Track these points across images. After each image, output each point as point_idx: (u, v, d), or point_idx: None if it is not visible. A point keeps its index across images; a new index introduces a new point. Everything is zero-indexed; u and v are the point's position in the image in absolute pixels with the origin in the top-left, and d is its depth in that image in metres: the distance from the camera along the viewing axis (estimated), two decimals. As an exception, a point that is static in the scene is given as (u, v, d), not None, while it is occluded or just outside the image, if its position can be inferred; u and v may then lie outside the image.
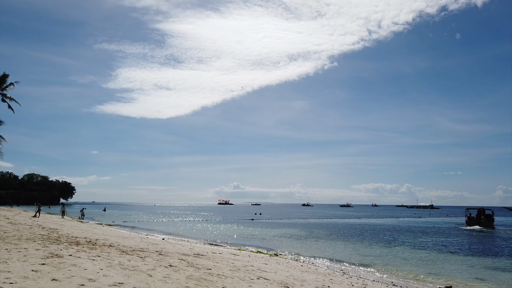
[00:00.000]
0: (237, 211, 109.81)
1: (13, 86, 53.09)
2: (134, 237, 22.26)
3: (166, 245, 16.97)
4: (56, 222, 30.48)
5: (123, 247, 12.82)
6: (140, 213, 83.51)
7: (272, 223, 52.65)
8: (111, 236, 19.76)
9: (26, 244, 10.07)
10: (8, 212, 38.61)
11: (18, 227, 17.89)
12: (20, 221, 24.79)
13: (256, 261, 14.43)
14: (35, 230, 16.70)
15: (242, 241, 27.17)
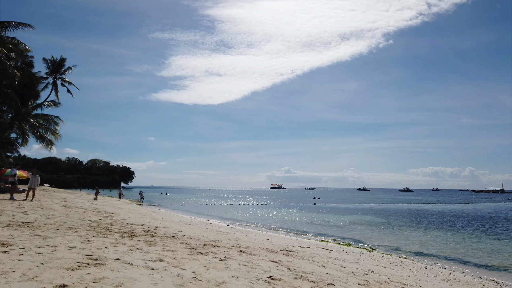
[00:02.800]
0: (293, 196, 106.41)
1: (71, 71, 53.19)
2: (196, 223, 19.45)
3: (238, 236, 13.72)
4: (115, 205, 28.82)
5: (190, 240, 9.62)
6: (197, 197, 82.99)
7: (336, 208, 48.45)
8: (171, 222, 16.98)
9: (62, 237, 7.11)
10: (70, 195, 38.19)
11: (70, 211, 15.58)
12: (77, 204, 22.99)
13: (364, 261, 10.67)
14: (87, 215, 14.21)
15: (317, 229, 23.52)
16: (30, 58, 42.19)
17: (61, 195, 35.60)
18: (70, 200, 26.78)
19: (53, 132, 37.51)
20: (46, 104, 37.04)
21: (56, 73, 51.89)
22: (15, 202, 16.70)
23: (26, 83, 33.15)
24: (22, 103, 33.28)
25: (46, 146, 37.78)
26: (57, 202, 21.94)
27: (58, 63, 52.28)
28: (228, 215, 33.07)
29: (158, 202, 50.76)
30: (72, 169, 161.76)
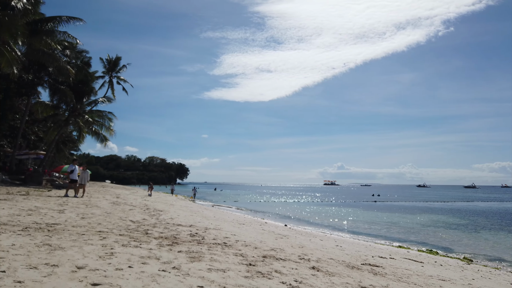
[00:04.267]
0: (349, 193, 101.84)
1: (125, 69, 54.24)
2: (251, 223, 17.54)
3: (301, 240, 11.51)
4: (167, 201, 27.88)
5: (245, 248, 7.59)
6: (249, 193, 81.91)
7: (400, 206, 44.42)
8: (224, 222, 15.18)
9: (79, 247, 5.36)
10: (125, 191, 38.33)
11: (116, 209, 14.34)
12: (128, 200, 22.08)
13: (476, 280, 7.99)
14: (131, 214, 12.79)
15: (387, 231, 20.64)
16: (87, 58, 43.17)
17: (117, 191, 35.65)
18: (123, 196, 26.16)
19: (107, 128, 37.75)
20: (100, 100, 37.28)
21: (112, 71, 52.97)
22: (62, 199, 15.84)
23: (81, 80, 33.35)
24: (77, 100, 33.57)
25: (101, 142, 38.18)
26: (108, 198, 21.15)
27: (114, 61, 53.35)
28: (283, 213, 30.97)
29: (211, 199, 50.02)
30: (132, 166, 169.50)
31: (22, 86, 29.50)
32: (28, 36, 24.44)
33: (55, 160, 61.51)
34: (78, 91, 33.20)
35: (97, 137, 38.85)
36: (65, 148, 59.98)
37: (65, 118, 35.08)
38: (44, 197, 16.22)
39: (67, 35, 26.79)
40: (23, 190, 20.70)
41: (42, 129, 41.24)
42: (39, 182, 29.58)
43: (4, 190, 18.73)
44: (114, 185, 59.18)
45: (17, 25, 20.25)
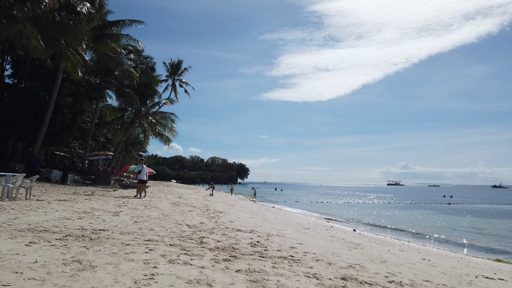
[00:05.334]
0: (416, 194, 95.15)
1: (187, 71, 55.63)
2: (316, 226, 16.03)
3: (381, 253, 9.82)
4: (228, 201, 27.31)
5: (317, 265, 6.22)
6: (309, 193, 79.82)
7: (479, 209, 39.81)
8: (287, 226, 13.89)
9: (116, 265, 4.38)
10: (188, 190, 38.73)
11: (174, 210, 13.72)
12: (189, 200, 21.71)
13: None
14: (189, 217, 12.01)
15: (478, 242, 17.92)
16: (152, 63, 44.55)
17: (180, 190, 36.03)
18: (184, 196, 26.03)
19: (170, 129, 38.35)
20: (163, 102, 37.99)
21: (174, 74, 54.43)
22: (122, 200, 15.63)
23: (145, 83, 34.11)
24: (141, 102, 34.38)
25: (165, 143, 38.93)
26: (169, 198, 20.92)
27: (176, 65, 54.85)
28: (349, 216, 28.90)
29: (271, 199, 49.03)
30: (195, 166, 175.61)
31: (91, 90, 30.76)
32: (93, 40, 25.23)
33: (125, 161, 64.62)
34: (142, 93, 34.01)
35: (160, 138, 39.72)
36: (133, 149, 62.83)
37: (130, 120, 36.21)
38: (107, 197, 16.18)
39: (129, 37, 27.32)
40: (90, 190, 21.18)
41: (111, 131, 43.21)
42: (108, 182, 30.62)
43: (72, 190, 19.21)
44: (178, 185, 60.75)
45: (82, 29, 20.75)
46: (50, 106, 24.07)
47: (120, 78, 32.14)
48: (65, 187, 21.16)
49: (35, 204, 10.28)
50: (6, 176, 10.80)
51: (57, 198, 13.27)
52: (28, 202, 10.66)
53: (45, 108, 24.15)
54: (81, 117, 29.47)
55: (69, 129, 27.06)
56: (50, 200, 11.94)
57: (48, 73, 26.24)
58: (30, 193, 11.75)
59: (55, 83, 24.21)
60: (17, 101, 24.11)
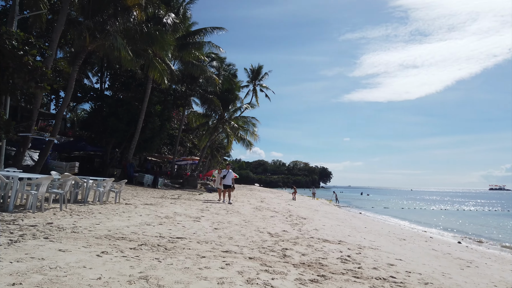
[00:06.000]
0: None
1: (267, 76, 56.03)
2: (413, 237, 14.21)
3: (504, 274, 8.04)
4: (311, 206, 26.30)
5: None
6: (399, 199, 74.43)
7: None
8: (379, 236, 12.46)
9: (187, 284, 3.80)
10: (270, 194, 38.54)
11: (256, 216, 13.22)
12: (271, 205, 21.25)
13: None
14: (271, 223, 11.36)
15: None
16: (234, 70, 45.58)
17: (263, 194, 35.97)
18: (267, 200, 25.68)
19: (252, 133, 38.59)
20: (245, 107, 38.41)
21: (255, 80, 55.12)
22: (205, 205, 15.64)
23: (227, 89, 34.79)
24: (224, 107, 35.10)
25: (246, 147, 39.31)
26: (252, 203, 20.66)
27: (256, 70, 55.53)
28: (448, 224, 25.75)
29: (357, 204, 46.52)
30: (277, 170, 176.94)
31: (177, 98, 32.26)
32: (178, 49, 26.31)
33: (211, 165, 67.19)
34: (225, 99, 34.75)
35: (243, 143, 40.24)
36: (218, 154, 65.03)
37: (214, 126, 37.25)
38: (191, 201, 16.37)
39: (211, 44, 28.01)
40: (177, 193, 21.90)
41: (197, 137, 45.06)
42: (195, 185, 31.71)
43: (160, 193, 19.98)
44: (261, 188, 61.22)
45: (167, 39, 21.64)
46: (142, 114, 25.61)
47: (204, 85, 33.22)
48: (155, 191, 22.18)
49: (122, 208, 10.54)
50: (97, 181, 11.31)
51: (145, 201, 13.67)
52: (116, 206, 10.99)
53: (137, 116, 25.78)
54: (169, 124, 31.00)
55: (158, 135, 28.58)
56: (137, 204, 12.27)
57: (139, 83, 28.07)
58: (120, 197, 12.21)
59: (146, 93, 25.72)
60: (113, 111, 26.14)
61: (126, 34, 19.72)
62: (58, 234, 5.50)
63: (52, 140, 19.21)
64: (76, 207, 9.50)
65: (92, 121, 28.11)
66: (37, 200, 8.11)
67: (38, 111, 27.15)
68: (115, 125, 25.64)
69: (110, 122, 25.68)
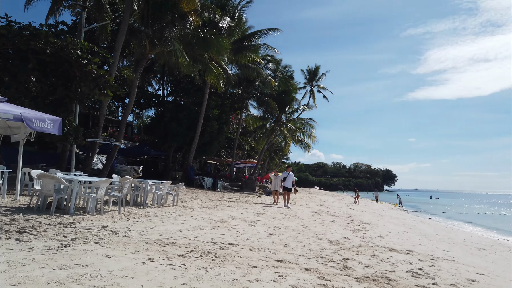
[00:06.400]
0: None
1: (324, 76, 54.96)
2: (493, 247, 12.60)
3: None
4: (374, 210, 24.88)
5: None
6: (473, 203, 68.44)
7: None
8: (454, 245, 11.16)
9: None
10: (330, 197, 37.37)
11: (315, 220, 12.60)
12: (332, 209, 20.39)
13: None
14: (331, 229, 10.68)
15: None
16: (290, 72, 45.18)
17: (323, 197, 34.96)
18: (327, 204, 24.80)
19: (309, 135, 37.76)
20: (302, 108, 37.71)
21: (312, 80, 54.20)
22: (262, 208, 15.31)
23: (283, 91, 34.41)
24: (280, 109, 34.73)
25: (304, 149, 38.54)
26: (311, 206, 19.99)
27: (313, 71, 54.59)
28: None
29: (425, 208, 43.43)
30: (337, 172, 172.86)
31: (234, 101, 32.53)
32: (234, 53, 26.46)
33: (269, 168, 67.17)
34: (281, 101, 34.38)
35: (300, 145, 39.53)
36: (276, 156, 64.80)
37: (271, 128, 37.03)
38: (248, 205, 16.15)
39: (266, 46, 27.83)
40: (235, 196, 21.88)
41: (255, 140, 45.19)
42: (253, 188, 31.67)
43: (219, 196, 20.07)
44: (321, 191, 59.83)
45: (223, 43, 21.79)
46: (201, 118, 26.11)
47: (260, 88, 33.15)
48: (214, 193, 22.39)
49: (179, 211, 10.54)
50: (156, 184, 11.48)
51: (202, 204, 13.68)
52: (173, 208, 11.04)
53: (196, 120, 26.34)
54: (227, 127, 31.33)
55: (217, 139, 28.97)
56: (194, 207, 12.27)
57: (198, 88, 28.71)
58: (177, 200, 12.30)
59: (204, 97, 26.18)
60: (174, 116, 26.98)
61: (183, 40, 20.16)
62: (110, 238, 5.43)
63: (117, 145, 20.17)
64: (134, 209, 9.64)
65: (154, 127, 29.28)
66: (97, 203, 8.31)
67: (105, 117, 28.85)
68: (175, 130, 26.42)
69: (171, 127, 26.52)
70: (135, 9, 20.46)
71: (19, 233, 5.06)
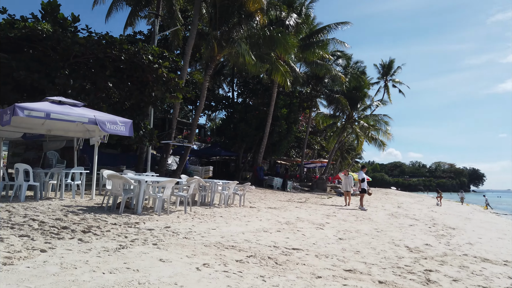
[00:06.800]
0: None
1: (400, 70, 52.06)
2: None
3: None
4: (460, 213, 22.49)
5: None
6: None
7: None
8: None
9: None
10: (409, 199, 34.84)
11: (392, 224, 11.57)
12: (411, 211, 18.85)
13: None
14: (410, 234, 9.65)
15: None
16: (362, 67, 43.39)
17: (400, 198, 32.73)
18: (405, 206, 23.07)
19: (384, 132, 35.66)
20: (375, 104, 35.77)
21: (386, 75, 51.44)
22: (331, 209, 14.56)
23: (354, 87, 32.98)
24: (351, 106, 33.29)
25: (379, 148, 36.47)
26: (387, 208, 18.67)
27: (388, 65, 51.79)
28: None
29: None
30: (416, 172, 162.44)
31: (303, 100, 31.89)
32: (301, 50, 25.87)
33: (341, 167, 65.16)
34: (352, 97, 32.92)
35: (374, 143, 37.52)
36: (349, 156, 62.52)
37: (341, 126, 35.66)
38: (318, 206, 15.50)
39: (335, 40, 26.79)
40: (305, 197, 21.29)
41: (325, 139, 43.99)
42: (324, 188, 30.79)
43: (288, 197, 19.66)
44: (398, 192, 56.30)
45: (290, 41, 21.36)
46: (269, 118, 25.96)
47: (330, 85, 32.08)
48: (283, 194, 22.04)
49: (245, 211, 10.34)
50: (222, 184, 11.44)
51: (269, 205, 13.38)
52: (240, 209, 10.88)
53: (265, 120, 26.27)
54: (295, 127, 30.82)
55: (285, 138, 28.61)
56: (261, 207, 12.01)
57: (266, 88, 28.64)
58: (244, 200, 12.14)
59: (272, 97, 26.00)
60: (243, 117, 27.22)
61: (250, 39, 20.15)
62: (169, 240, 5.32)
63: (189, 146, 20.82)
64: (201, 209, 9.64)
65: (225, 128, 29.86)
66: (164, 203, 8.40)
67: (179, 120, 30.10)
68: (244, 130, 26.62)
69: (240, 127, 26.79)
70: (204, 13, 20.96)
71: (84, 233, 5.16)
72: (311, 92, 31.46)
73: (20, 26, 10.92)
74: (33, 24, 11.23)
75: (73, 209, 7.30)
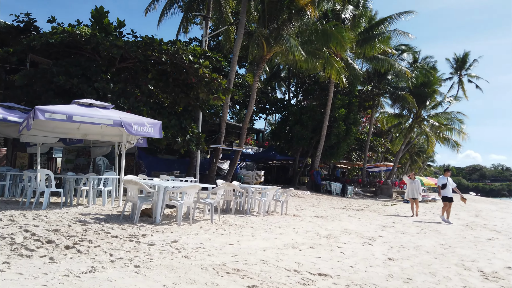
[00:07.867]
0: None
1: (476, 63, 47.53)
2: None
3: None
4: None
5: None
6: None
7: None
8: None
9: None
10: (491, 206, 30.68)
11: (466, 235, 9.60)
12: (491, 220, 16.13)
13: None
14: (486, 253, 7.72)
15: None
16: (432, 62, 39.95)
17: (479, 205, 28.99)
18: (484, 214, 20.09)
19: (458, 131, 32.04)
20: (447, 101, 32.30)
21: (460, 70, 47.21)
22: (390, 220, 12.79)
23: (422, 82, 30.12)
24: (419, 104, 30.38)
25: (452, 148, 32.88)
26: (461, 217, 16.18)
27: (462, 59, 47.55)
28: None
29: None
30: (499, 176, 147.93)
31: (364, 99, 29.75)
32: (360, 45, 24.01)
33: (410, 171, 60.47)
34: (420, 94, 30.00)
35: (447, 144, 33.94)
36: (419, 159, 57.82)
37: (408, 126, 32.70)
38: (376, 214, 13.77)
39: (397, 32, 24.49)
40: (365, 203, 19.45)
41: (390, 140, 40.90)
42: (389, 194, 28.48)
43: (345, 203, 18.03)
44: (477, 198, 50.64)
45: (345, 35, 19.77)
46: (326, 120, 24.48)
47: (394, 82, 29.59)
48: (341, 200, 20.40)
49: (283, 221, 9.17)
50: (261, 189, 10.41)
51: (318, 213, 12.03)
52: (279, 218, 9.73)
53: (321, 122, 24.82)
54: (356, 128, 28.79)
55: (344, 140, 26.79)
56: (306, 216, 10.73)
57: (322, 88, 27.15)
58: (286, 207, 10.98)
59: (328, 97, 24.49)
60: (298, 119, 26.01)
61: (301, 35, 18.98)
62: (162, 260, 4.38)
63: (239, 151, 20.11)
64: (233, 218, 8.69)
65: (279, 131, 28.86)
66: (189, 210, 7.60)
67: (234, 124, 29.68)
68: (300, 133, 25.39)
69: (295, 130, 25.61)
70: (252, 11, 20.23)
71: (66, 249, 4.44)
72: (372, 90, 29.19)
73: (59, 31, 10.97)
74: (72, 28, 11.24)
75: (86, 218, 6.75)
